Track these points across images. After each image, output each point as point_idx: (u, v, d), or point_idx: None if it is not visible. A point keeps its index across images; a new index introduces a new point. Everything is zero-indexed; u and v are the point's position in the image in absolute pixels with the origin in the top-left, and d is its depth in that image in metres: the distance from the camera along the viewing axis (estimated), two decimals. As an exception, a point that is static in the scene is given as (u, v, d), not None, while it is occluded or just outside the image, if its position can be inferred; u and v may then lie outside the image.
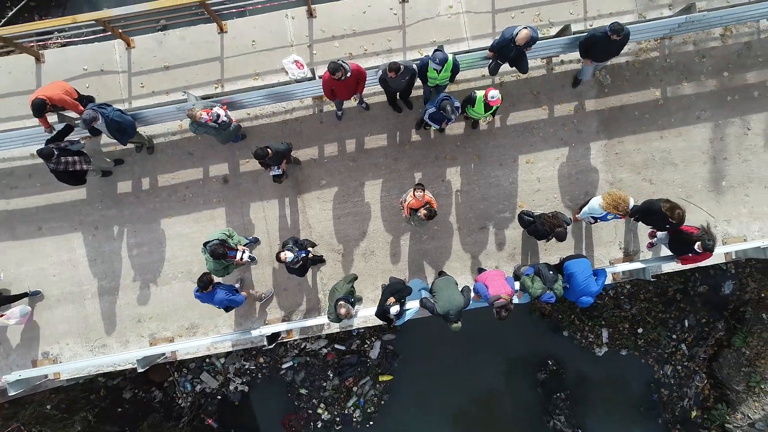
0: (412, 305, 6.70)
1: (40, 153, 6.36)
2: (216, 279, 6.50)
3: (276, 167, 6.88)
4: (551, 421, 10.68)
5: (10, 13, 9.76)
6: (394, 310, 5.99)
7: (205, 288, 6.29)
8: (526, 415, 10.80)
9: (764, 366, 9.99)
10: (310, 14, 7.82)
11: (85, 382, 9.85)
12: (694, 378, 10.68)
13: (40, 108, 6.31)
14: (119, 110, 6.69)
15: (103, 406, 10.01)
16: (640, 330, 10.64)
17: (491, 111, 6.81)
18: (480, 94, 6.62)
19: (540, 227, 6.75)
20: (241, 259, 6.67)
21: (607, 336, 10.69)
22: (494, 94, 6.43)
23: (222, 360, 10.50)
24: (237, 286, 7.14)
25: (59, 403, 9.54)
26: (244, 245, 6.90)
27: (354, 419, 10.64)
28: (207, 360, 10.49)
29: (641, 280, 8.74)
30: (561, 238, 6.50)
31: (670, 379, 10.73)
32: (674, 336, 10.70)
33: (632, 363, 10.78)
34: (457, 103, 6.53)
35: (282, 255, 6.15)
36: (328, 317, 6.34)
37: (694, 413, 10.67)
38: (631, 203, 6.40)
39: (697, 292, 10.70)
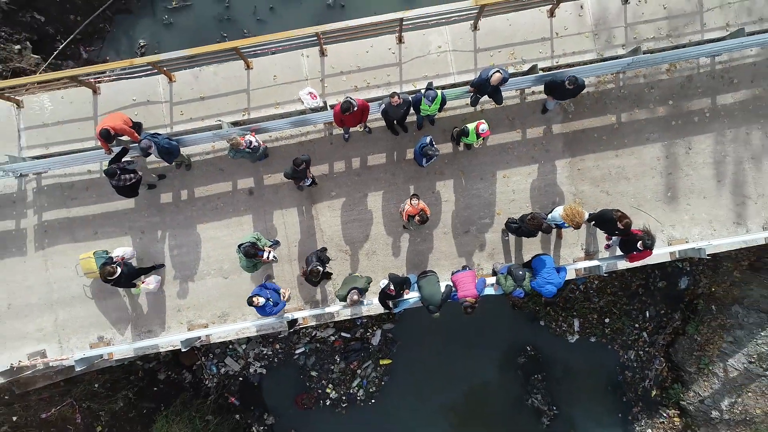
0: (413, 295, 8.14)
1: (107, 172, 7.76)
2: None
3: (306, 179, 8.26)
4: (530, 399, 12.09)
5: (61, 46, 11.15)
6: (383, 282, 7.45)
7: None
8: (508, 394, 12.20)
9: (713, 350, 11.38)
10: (322, 53, 9.21)
11: (125, 365, 11.24)
12: (654, 362, 12.09)
13: (107, 136, 7.69)
14: (167, 138, 8.09)
15: (141, 385, 11.40)
16: (607, 320, 12.05)
17: (483, 139, 8.24)
18: (471, 126, 8.01)
19: (526, 229, 8.15)
20: (267, 258, 8.05)
21: (578, 325, 12.09)
22: (484, 127, 7.85)
23: (243, 346, 11.91)
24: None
25: (105, 382, 10.93)
26: (269, 247, 8.31)
27: (358, 398, 12.04)
28: (230, 346, 11.89)
29: (604, 275, 10.18)
30: (548, 231, 7.90)
31: (633, 362, 12.15)
32: (637, 325, 12.11)
33: (600, 349, 12.20)
34: (435, 147, 8.00)
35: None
36: (336, 295, 7.75)
37: (654, 392, 12.08)
38: (586, 216, 7.81)
39: (656, 287, 12.11)
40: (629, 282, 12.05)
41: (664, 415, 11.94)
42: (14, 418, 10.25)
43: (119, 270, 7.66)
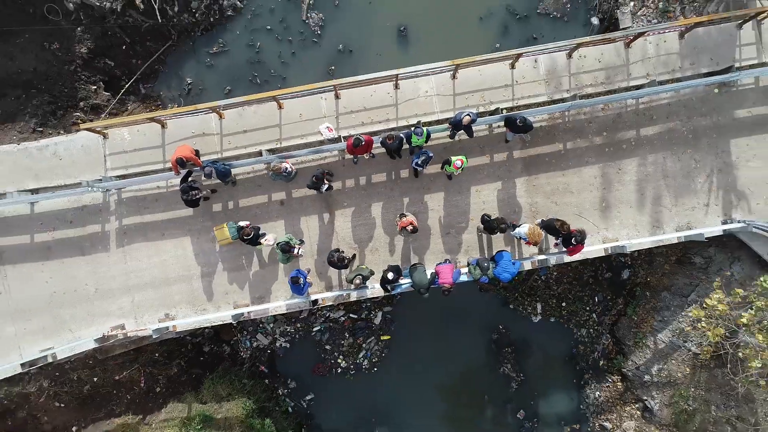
0: (405, 281, 10.76)
1: (182, 189, 10.33)
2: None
3: (323, 184, 10.74)
4: (501, 367, 14.67)
5: (127, 85, 13.72)
6: (390, 276, 10.05)
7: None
8: (484, 364, 14.77)
9: (646, 328, 13.96)
10: (337, 96, 11.77)
11: (178, 338, 13.85)
12: (601, 337, 14.68)
13: (182, 163, 10.25)
14: (223, 163, 10.70)
15: (190, 356, 13.98)
16: (564, 304, 14.62)
17: (460, 168, 10.77)
18: (454, 159, 10.57)
19: (493, 225, 10.75)
20: (297, 253, 10.68)
21: (540, 308, 14.68)
22: (459, 163, 10.40)
23: (271, 325, 14.49)
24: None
25: (162, 353, 13.51)
26: (297, 244, 10.92)
27: (363, 367, 14.62)
28: (261, 324, 14.47)
29: (558, 265, 12.80)
30: (504, 231, 10.68)
31: (585, 338, 14.73)
32: (588, 308, 14.69)
33: (558, 327, 14.78)
34: (420, 162, 10.60)
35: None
36: (347, 278, 10.40)
37: (601, 362, 14.66)
38: (542, 236, 10.50)
39: (604, 277, 14.69)
40: (582, 273, 14.64)
41: (609, 380, 14.54)
42: (95, 379, 12.87)
43: (252, 232, 10.25)
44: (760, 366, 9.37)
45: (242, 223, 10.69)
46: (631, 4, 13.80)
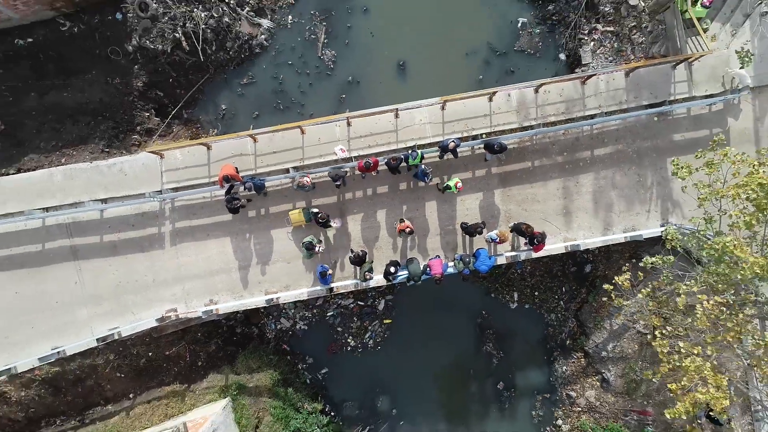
0: (403, 273, 13.35)
1: (227, 200, 12.86)
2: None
3: (339, 181, 13.30)
4: (484, 346, 17.22)
5: (173, 111, 16.24)
6: (392, 269, 12.64)
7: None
8: (470, 343, 17.27)
9: (604, 313, 16.43)
10: (348, 124, 14.31)
11: (216, 321, 16.40)
12: (568, 321, 17.24)
13: (227, 180, 12.83)
14: (260, 179, 13.29)
15: (225, 336, 16.53)
16: (536, 293, 17.14)
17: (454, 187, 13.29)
18: (452, 182, 13.11)
19: (470, 230, 13.35)
20: (318, 251, 13.28)
21: (516, 297, 17.23)
22: (459, 184, 12.94)
23: (292, 310, 17.05)
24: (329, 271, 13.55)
25: (203, 333, 16.06)
26: (318, 243, 13.50)
27: (369, 346, 17.15)
28: (284, 310, 17.04)
29: (531, 261, 15.39)
30: (480, 233, 13.17)
31: (554, 322, 17.28)
32: (557, 296, 17.22)
33: (532, 312, 17.32)
34: (427, 173, 13.16)
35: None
36: (361, 276, 13.00)
37: (567, 341, 17.21)
38: (510, 237, 13.08)
39: (570, 271, 17.23)
40: (551, 267, 17.17)
41: (574, 356, 17.10)
42: (150, 354, 15.44)
43: (327, 217, 12.90)
44: (666, 350, 11.87)
45: (314, 210, 13.31)
46: (591, 44, 16.35)
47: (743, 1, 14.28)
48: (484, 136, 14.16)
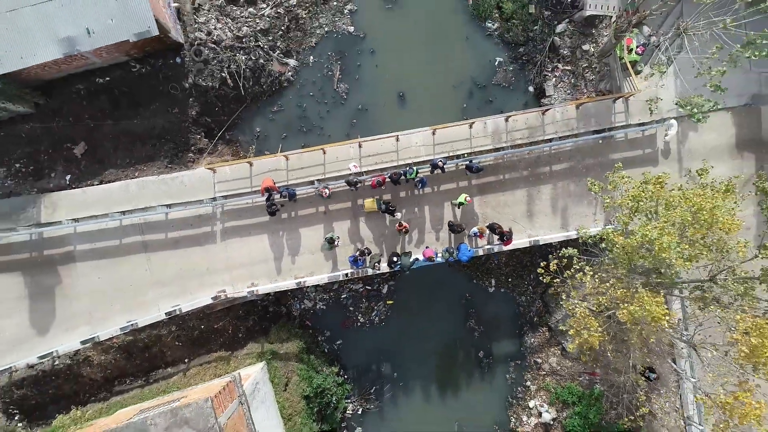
0: (402, 262, 16.97)
1: (268, 205, 16.44)
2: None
3: (353, 186, 16.99)
4: (468, 323, 20.83)
5: (219, 134, 19.78)
6: (395, 258, 16.27)
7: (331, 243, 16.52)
8: (456, 320, 20.76)
9: (561, 296, 20.12)
10: (360, 146, 17.88)
11: (252, 302, 19.98)
12: (535, 302, 20.81)
13: (269, 190, 16.42)
14: (292, 189, 16.87)
15: (260, 313, 19.99)
16: (510, 279, 20.70)
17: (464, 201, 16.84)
18: (462, 198, 16.66)
19: (455, 228, 16.96)
20: (336, 244, 16.90)
21: (493, 282, 20.76)
22: (468, 198, 16.51)
23: (313, 293, 20.65)
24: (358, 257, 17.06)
25: (244, 311, 19.57)
26: (336, 238, 17.10)
27: (375, 322, 20.75)
28: (307, 293, 20.63)
29: (506, 254, 19.03)
30: (462, 231, 16.75)
31: (524, 303, 20.82)
32: (526, 282, 20.73)
33: (506, 295, 20.89)
34: (421, 185, 16.76)
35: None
36: (371, 264, 16.63)
37: (534, 319, 20.78)
38: (487, 232, 16.69)
39: (537, 262, 20.78)
40: (522, 259, 20.68)
41: (540, 330, 20.63)
42: (202, 326, 19.03)
43: (395, 206, 16.43)
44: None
45: (386, 197, 16.88)
46: (553, 79, 19.92)
47: (667, 49, 17.86)
48: (465, 155, 17.75)
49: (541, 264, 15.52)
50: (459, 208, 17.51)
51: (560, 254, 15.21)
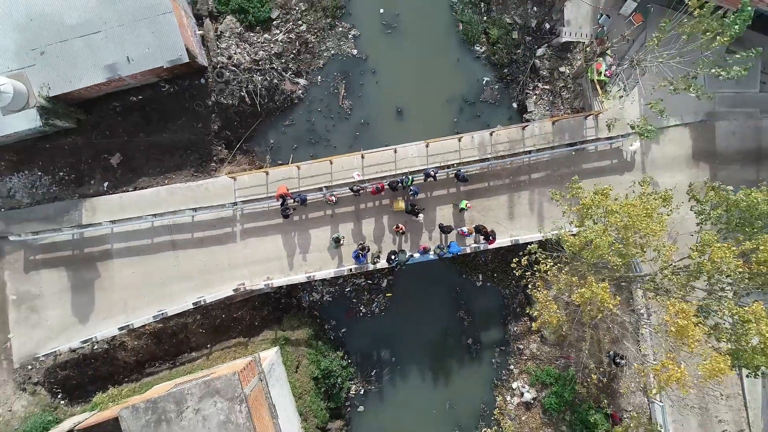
0: (399, 258, 19.27)
1: (282, 209, 18.76)
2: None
3: (358, 193, 19.35)
4: (458, 313, 23.09)
5: (237, 145, 22.04)
6: (392, 256, 18.59)
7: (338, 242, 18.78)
8: (447, 311, 22.88)
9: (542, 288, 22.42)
10: (362, 157, 20.18)
11: (268, 294, 22.24)
12: (518, 295, 23.07)
13: (283, 196, 18.69)
14: (303, 195, 19.16)
15: (274, 305, 22.20)
16: (495, 274, 22.94)
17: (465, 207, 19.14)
18: (463, 203, 18.98)
19: (445, 229, 19.26)
20: (342, 243, 19.19)
21: (481, 277, 23.04)
22: (468, 204, 18.85)
23: (321, 286, 22.91)
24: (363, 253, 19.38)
25: (259, 302, 21.79)
26: (342, 238, 19.39)
27: (375, 312, 22.97)
28: (315, 286, 22.89)
29: (491, 252, 21.35)
30: (450, 231, 19.06)
31: (508, 295, 23.02)
32: (510, 278, 23.07)
33: (492, 289, 23.09)
34: (413, 195, 19.09)
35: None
36: (371, 261, 18.93)
37: (517, 309, 22.98)
38: (474, 231, 19.00)
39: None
40: (507, 257, 23.02)
41: (522, 320, 22.81)
42: (223, 315, 21.31)
43: (421, 209, 18.61)
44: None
45: (412, 192, 18.97)
46: (534, 97, 22.22)
47: (631, 74, 20.15)
48: (455, 165, 20.06)
49: (514, 260, 17.73)
50: (461, 212, 19.77)
51: (528, 250, 17.45)
